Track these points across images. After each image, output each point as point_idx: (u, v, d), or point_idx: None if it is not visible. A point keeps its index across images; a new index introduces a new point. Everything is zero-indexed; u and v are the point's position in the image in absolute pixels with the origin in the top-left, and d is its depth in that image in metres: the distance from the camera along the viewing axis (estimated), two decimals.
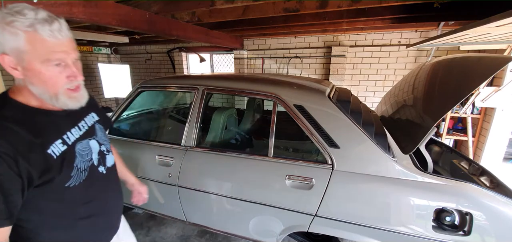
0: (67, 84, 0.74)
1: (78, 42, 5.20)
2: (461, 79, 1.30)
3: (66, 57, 0.72)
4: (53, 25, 0.67)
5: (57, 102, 0.74)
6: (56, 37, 0.68)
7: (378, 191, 1.35)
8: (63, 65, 0.72)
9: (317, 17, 3.04)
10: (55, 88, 0.72)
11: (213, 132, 2.16)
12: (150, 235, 2.32)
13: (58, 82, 0.72)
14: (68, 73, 0.73)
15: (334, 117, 1.48)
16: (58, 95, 0.73)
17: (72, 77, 0.74)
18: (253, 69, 4.90)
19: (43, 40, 0.66)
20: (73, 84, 0.75)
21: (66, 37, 0.72)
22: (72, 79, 0.75)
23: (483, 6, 2.23)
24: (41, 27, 0.65)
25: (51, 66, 0.69)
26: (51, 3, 1.82)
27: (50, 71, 0.69)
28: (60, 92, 0.73)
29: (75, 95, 0.77)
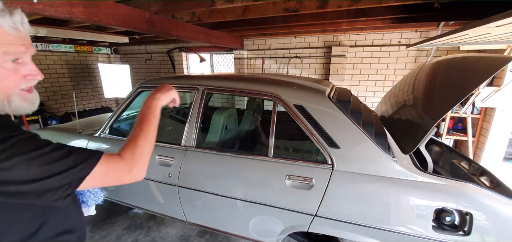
0: (23, 84, 0.63)
1: (78, 42, 5.21)
2: (461, 80, 1.30)
3: (25, 53, 0.62)
4: (15, 17, 0.59)
5: (8, 106, 0.62)
6: (18, 29, 0.60)
7: (378, 191, 1.35)
8: (20, 62, 0.62)
9: (317, 17, 3.04)
10: (9, 89, 0.61)
11: (213, 132, 2.16)
12: (150, 235, 2.32)
13: (13, 81, 0.61)
14: (27, 72, 0.63)
15: (334, 117, 1.48)
16: (12, 98, 0.62)
17: (31, 76, 0.65)
18: (253, 69, 4.90)
19: (2, 32, 0.57)
20: (28, 84, 0.65)
21: (27, 30, 0.63)
22: (30, 79, 0.65)
23: (483, 6, 2.23)
24: (1, 18, 0.57)
25: (8, 62, 0.59)
26: (51, 3, 1.82)
27: (5, 68, 0.59)
28: (14, 94, 0.62)
29: (29, 97, 0.66)
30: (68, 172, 0.61)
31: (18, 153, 0.55)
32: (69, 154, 0.62)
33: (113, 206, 2.71)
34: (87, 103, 5.93)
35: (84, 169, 0.63)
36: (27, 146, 0.57)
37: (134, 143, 0.76)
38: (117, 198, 2.20)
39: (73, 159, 0.62)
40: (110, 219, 2.53)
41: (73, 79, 5.53)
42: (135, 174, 0.74)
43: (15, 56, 0.60)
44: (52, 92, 5.16)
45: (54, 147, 0.61)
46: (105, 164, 0.67)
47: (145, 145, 0.77)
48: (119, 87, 5.25)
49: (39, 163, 0.57)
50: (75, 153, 0.64)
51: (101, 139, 2.08)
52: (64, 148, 0.63)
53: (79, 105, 5.73)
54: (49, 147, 0.60)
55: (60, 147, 0.62)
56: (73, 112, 5.10)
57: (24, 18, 0.62)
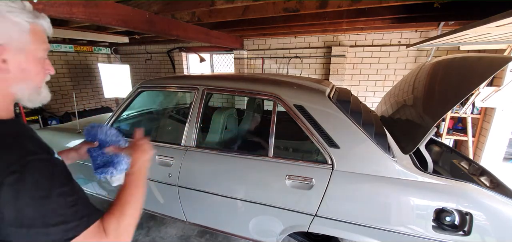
0: (45, 77, 0.72)
1: (78, 42, 5.21)
2: (461, 79, 1.30)
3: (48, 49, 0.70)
4: (47, 18, 0.67)
5: (38, 97, 0.70)
6: (50, 29, 0.68)
7: (378, 191, 1.35)
8: (45, 58, 0.70)
9: (317, 17, 3.04)
10: (41, 81, 0.69)
11: (213, 132, 2.15)
12: (150, 235, 2.32)
13: (43, 75, 0.70)
14: (47, 66, 0.71)
15: (334, 117, 1.48)
16: (41, 89, 0.70)
17: (49, 70, 0.72)
18: (253, 69, 4.90)
19: (43, 30, 0.65)
20: (47, 77, 0.73)
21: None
22: (48, 73, 0.72)
23: (483, 6, 2.23)
24: (42, 20, 0.64)
25: (43, 58, 0.68)
26: (51, 3, 1.82)
27: (42, 63, 0.68)
28: (42, 86, 0.70)
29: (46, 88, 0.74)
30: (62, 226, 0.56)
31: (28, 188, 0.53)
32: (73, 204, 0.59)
33: None
34: (87, 103, 5.93)
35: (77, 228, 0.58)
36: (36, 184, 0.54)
37: (121, 213, 0.68)
38: None
39: (72, 212, 0.58)
40: None
41: (73, 79, 5.53)
42: None
43: (47, 51, 0.69)
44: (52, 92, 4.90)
45: (61, 191, 0.57)
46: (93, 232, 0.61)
47: (133, 214, 0.71)
48: (119, 87, 5.25)
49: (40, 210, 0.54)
50: (78, 205, 0.60)
51: None
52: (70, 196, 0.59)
53: (79, 105, 5.73)
54: (57, 190, 0.56)
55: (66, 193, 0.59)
56: (73, 112, 5.10)
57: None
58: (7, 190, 0.51)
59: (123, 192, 0.74)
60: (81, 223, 0.59)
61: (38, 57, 0.65)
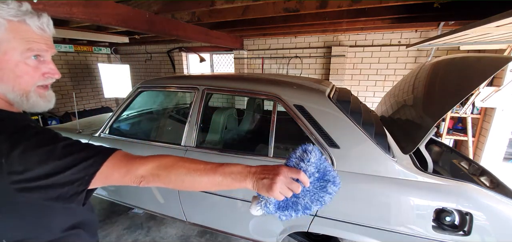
0: (41, 81, 0.66)
1: (78, 42, 5.21)
2: (461, 79, 1.30)
3: (47, 51, 0.66)
4: (42, 19, 0.63)
5: (26, 102, 0.65)
6: (43, 30, 0.64)
7: (378, 191, 1.35)
8: (41, 60, 0.65)
9: (317, 17, 3.04)
10: (28, 85, 0.64)
11: (213, 132, 2.16)
12: (150, 235, 2.32)
13: (33, 78, 0.64)
14: (46, 70, 0.66)
15: (334, 117, 1.48)
16: (29, 94, 0.65)
17: (50, 74, 0.67)
18: (253, 69, 4.90)
19: (29, 30, 0.61)
20: (46, 82, 0.68)
21: (51, 33, 0.68)
22: (48, 77, 0.67)
23: (483, 6, 2.23)
24: (29, 18, 0.61)
25: (30, 58, 0.63)
26: (51, 3, 1.82)
27: (27, 64, 0.62)
28: (32, 91, 0.65)
29: (46, 94, 0.69)
30: (79, 166, 0.60)
31: (31, 147, 0.57)
32: (82, 148, 0.62)
33: (113, 206, 2.71)
34: (87, 103, 5.93)
35: (93, 164, 0.61)
36: (39, 141, 0.58)
37: (170, 170, 0.65)
38: (117, 198, 2.21)
39: (85, 153, 0.62)
40: (110, 219, 2.53)
41: (73, 79, 5.53)
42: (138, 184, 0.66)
43: (37, 53, 0.64)
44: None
45: (67, 143, 0.62)
46: (117, 162, 0.64)
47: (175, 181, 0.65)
48: (119, 87, 5.25)
49: (51, 158, 0.58)
50: (88, 148, 0.64)
51: (101, 139, 2.08)
52: (78, 143, 0.63)
53: (79, 105, 5.73)
54: (62, 143, 0.61)
55: (73, 143, 0.63)
56: (73, 112, 5.10)
57: (50, 21, 0.66)
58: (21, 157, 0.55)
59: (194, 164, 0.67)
60: (100, 155, 0.62)
61: (18, 58, 0.61)
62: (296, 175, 0.63)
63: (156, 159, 0.66)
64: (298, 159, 0.67)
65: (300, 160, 0.67)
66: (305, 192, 0.67)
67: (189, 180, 0.65)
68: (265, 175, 0.63)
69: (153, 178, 0.64)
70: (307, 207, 0.67)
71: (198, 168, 0.65)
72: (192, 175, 0.64)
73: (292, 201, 0.67)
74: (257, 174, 0.64)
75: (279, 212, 0.67)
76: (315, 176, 0.68)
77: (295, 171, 0.64)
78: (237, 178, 0.64)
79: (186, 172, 0.65)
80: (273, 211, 0.66)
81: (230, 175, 0.64)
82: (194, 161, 0.67)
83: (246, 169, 0.65)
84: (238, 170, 0.65)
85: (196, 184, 0.65)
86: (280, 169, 0.64)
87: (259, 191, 0.64)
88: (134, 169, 0.63)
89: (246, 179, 0.64)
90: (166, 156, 0.68)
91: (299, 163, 0.66)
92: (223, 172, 0.65)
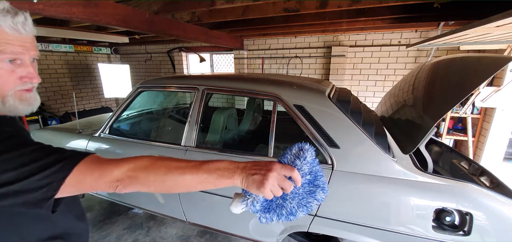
0: (18, 86, 0.62)
1: (78, 42, 5.21)
2: (461, 79, 1.30)
3: (24, 54, 0.61)
4: (17, 18, 0.58)
5: (2, 106, 0.61)
6: (18, 30, 0.58)
7: (378, 191, 1.35)
8: (18, 64, 0.60)
9: (317, 17, 3.04)
10: (3, 90, 0.60)
11: (213, 132, 2.16)
12: (150, 235, 2.32)
13: (8, 82, 0.60)
14: (23, 74, 0.62)
15: (334, 117, 1.48)
16: (6, 98, 0.61)
17: (28, 78, 0.63)
18: (253, 69, 4.90)
19: (1, 31, 0.56)
20: (24, 87, 0.63)
21: (30, 33, 0.62)
22: (26, 81, 0.63)
23: (483, 6, 2.23)
24: (1, 17, 0.56)
25: (4, 62, 0.58)
26: (51, 3, 1.82)
27: (0, 67, 0.58)
28: (9, 95, 0.61)
29: (27, 97, 0.64)
30: (46, 171, 0.55)
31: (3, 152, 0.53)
32: (51, 153, 0.57)
33: (113, 206, 2.71)
34: (87, 103, 5.93)
35: (62, 168, 0.56)
36: (6, 147, 0.54)
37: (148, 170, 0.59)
38: (117, 198, 2.20)
39: (53, 158, 0.56)
40: (110, 219, 2.53)
41: (73, 79, 5.53)
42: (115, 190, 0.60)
43: (12, 56, 0.59)
44: (52, 92, 5.16)
45: (36, 148, 0.57)
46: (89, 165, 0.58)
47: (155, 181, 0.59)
48: (119, 87, 5.25)
49: (15, 165, 0.53)
50: (58, 152, 0.58)
51: (101, 139, 2.08)
52: (47, 148, 0.59)
53: (79, 105, 5.73)
54: (31, 147, 0.57)
55: (43, 147, 0.58)
56: (73, 112, 5.10)
57: (28, 20, 0.61)
58: None
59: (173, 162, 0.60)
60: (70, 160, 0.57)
61: None
62: (289, 172, 0.59)
63: (132, 160, 0.60)
64: (294, 156, 0.64)
65: (296, 157, 0.63)
66: (293, 195, 0.64)
67: (170, 179, 0.59)
68: (256, 170, 0.58)
69: (131, 181, 0.58)
70: (292, 213, 0.63)
71: (179, 165, 0.59)
72: (173, 174, 0.59)
73: (277, 203, 0.64)
74: (246, 170, 0.59)
75: (260, 213, 0.64)
76: (307, 178, 0.64)
77: (289, 168, 0.60)
78: (224, 174, 0.59)
79: (166, 171, 0.59)
80: (256, 210, 0.63)
81: (215, 171, 0.59)
82: (175, 159, 0.62)
83: (233, 164, 0.60)
84: (225, 165, 0.59)
85: (179, 184, 0.60)
86: (273, 164, 0.59)
87: (249, 188, 0.59)
88: (108, 172, 0.58)
89: (234, 175, 0.59)
90: (143, 156, 0.61)
91: (294, 160, 0.63)
92: (208, 169, 0.59)
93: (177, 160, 0.61)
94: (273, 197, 0.60)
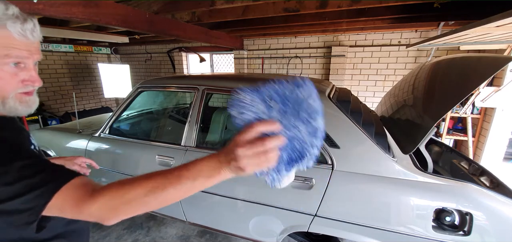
0: (20, 88, 0.63)
1: (78, 42, 5.21)
2: (461, 79, 1.30)
3: (28, 58, 0.62)
4: (27, 25, 0.59)
5: (2, 107, 0.62)
6: (26, 36, 0.60)
7: (378, 191, 1.35)
8: (22, 67, 0.62)
9: (317, 17, 3.04)
10: (5, 91, 0.61)
11: (213, 132, 2.16)
12: (150, 235, 2.32)
13: (10, 84, 0.61)
14: (26, 77, 0.63)
15: (334, 117, 1.48)
16: (7, 100, 0.62)
17: (29, 82, 0.64)
18: (253, 69, 4.90)
19: (9, 36, 0.58)
20: (25, 89, 0.64)
21: (37, 39, 0.64)
22: (28, 84, 0.64)
23: (483, 6, 2.23)
24: (11, 24, 0.57)
25: (8, 65, 0.59)
26: (51, 3, 1.82)
27: (4, 70, 0.59)
28: (10, 97, 0.62)
29: (27, 100, 0.65)
30: (29, 195, 0.53)
31: None
32: (37, 172, 0.56)
33: None
34: (87, 103, 5.93)
35: (43, 194, 0.54)
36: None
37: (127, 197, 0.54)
38: None
39: (38, 179, 0.55)
40: None
41: (73, 79, 5.53)
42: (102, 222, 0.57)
43: (17, 60, 0.60)
44: (52, 92, 5.16)
45: (24, 164, 0.55)
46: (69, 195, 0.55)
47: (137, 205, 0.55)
48: (119, 87, 5.25)
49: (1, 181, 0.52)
50: (44, 172, 0.57)
51: (101, 139, 2.09)
52: (35, 165, 0.57)
53: (79, 105, 5.73)
54: (19, 163, 0.55)
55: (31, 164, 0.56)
56: (73, 112, 5.10)
57: (37, 27, 0.62)
58: None
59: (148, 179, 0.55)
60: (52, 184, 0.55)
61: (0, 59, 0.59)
62: (251, 131, 0.48)
63: (109, 189, 0.55)
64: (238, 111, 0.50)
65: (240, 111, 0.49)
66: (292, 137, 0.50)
67: (152, 199, 0.54)
68: (230, 157, 0.50)
69: (113, 213, 0.55)
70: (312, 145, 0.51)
71: (158, 182, 0.54)
72: (154, 192, 0.54)
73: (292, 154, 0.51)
74: (227, 161, 0.51)
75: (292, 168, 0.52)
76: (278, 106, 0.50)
77: (247, 128, 0.49)
78: (208, 174, 0.53)
79: (145, 192, 0.54)
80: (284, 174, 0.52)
81: (199, 174, 0.53)
82: (154, 175, 0.56)
83: (214, 159, 0.53)
84: (208, 164, 0.53)
85: (163, 199, 0.55)
86: (234, 139, 0.50)
87: (239, 175, 0.52)
88: (85, 208, 0.54)
89: (220, 172, 0.52)
90: (120, 182, 0.57)
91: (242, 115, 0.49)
92: (191, 175, 0.53)
93: (157, 175, 0.56)
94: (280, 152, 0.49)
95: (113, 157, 2.02)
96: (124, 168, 1.98)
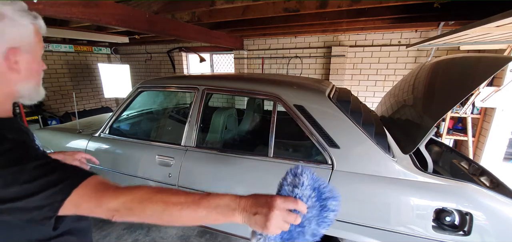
0: (42, 74, 0.73)
1: (78, 42, 5.21)
2: (461, 80, 1.30)
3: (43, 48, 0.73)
4: (40, 20, 0.67)
5: (38, 94, 0.70)
6: (45, 28, 0.69)
7: (378, 191, 1.35)
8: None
9: (317, 17, 3.04)
10: (40, 79, 0.71)
11: (213, 132, 2.16)
12: (150, 235, 2.32)
13: (41, 72, 0.71)
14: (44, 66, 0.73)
15: (334, 117, 1.48)
16: (40, 86, 0.71)
17: (43, 66, 0.73)
18: (253, 69, 4.90)
19: (40, 30, 0.68)
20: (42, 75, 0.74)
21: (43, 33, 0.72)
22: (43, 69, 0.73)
23: (483, 6, 2.23)
24: (39, 20, 0.66)
25: (40, 57, 0.70)
26: (51, 3, 1.82)
27: (40, 62, 0.70)
28: (40, 83, 0.71)
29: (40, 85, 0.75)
30: (48, 191, 0.55)
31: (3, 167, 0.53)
32: (53, 170, 0.57)
33: None
34: (87, 103, 5.93)
35: (62, 190, 0.55)
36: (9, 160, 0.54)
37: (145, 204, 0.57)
38: None
39: (55, 177, 0.56)
40: None
41: (73, 79, 5.53)
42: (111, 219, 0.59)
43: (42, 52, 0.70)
44: (52, 92, 5.16)
45: (39, 163, 0.57)
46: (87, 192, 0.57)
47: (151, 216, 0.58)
48: (119, 87, 5.25)
49: (18, 180, 0.53)
50: (60, 170, 0.58)
51: (101, 139, 2.09)
52: (49, 164, 0.58)
53: (79, 105, 5.73)
54: (33, 163, 0.56)
55: (45, 163, 0.58)
56: (73, 112, 5.10)
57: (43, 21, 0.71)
58: None
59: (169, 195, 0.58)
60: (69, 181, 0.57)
61: (39, 56, 0.69)
62: (293, 205, 0.57)
63: (131, 191, 0.59)
64: (291, 185, 0.61)
65: (293, 186, 0.60)
66: (309, 219, 0.61)
67: (167, 215, 0.57)
68: (257, 209, 0.56)
69: (127, 212, 0.57)
70: (315, 234, 0.62)
71: (178, 201, 0.57)
72: (171, 210, 0.57)
73: (297, 231, 0.60)
74: (247, 209, 0.57)
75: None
76: (312, 199, 0.61)
77: (291, 200, 0.57)
78: (223, 211, 0.57)
79: (164, 207, 0.57)
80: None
81: (215, 209, 0.57)
82: (174, 192, 0.60)
83: (234, 201, 0.58)
84: (225, 202, 0.57)
85: (176, 219, 0.58)
86: (274, 201, 0.56)
87: (252, 227, 0.57)
88: (105, 202, 0.57)
89: (234, 213, 0.57)
90: (142, 187, 0.60)
91: (293, 190, 0.60)
92: (208, 205, 0.57)
93: (178, 194, 0.59)
94: (291, 225, 0.58)
95: (113, 157, 2.02)
96: (124, 168, 1.98)
